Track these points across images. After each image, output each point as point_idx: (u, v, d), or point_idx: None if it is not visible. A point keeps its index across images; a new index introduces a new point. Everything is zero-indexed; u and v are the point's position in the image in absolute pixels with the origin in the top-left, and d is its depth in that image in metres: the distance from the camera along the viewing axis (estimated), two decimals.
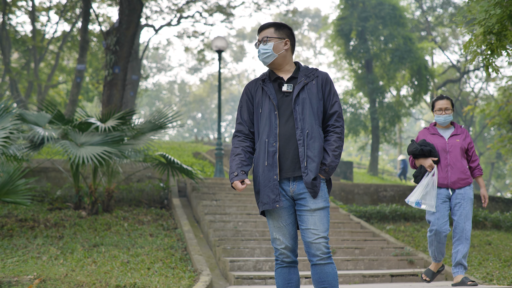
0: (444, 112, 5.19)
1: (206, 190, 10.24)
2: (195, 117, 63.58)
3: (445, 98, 5.24)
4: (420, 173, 5.13)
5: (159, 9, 26.49)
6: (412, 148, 5.16)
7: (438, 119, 5.24)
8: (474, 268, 6.88)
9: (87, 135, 8.35)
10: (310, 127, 3.15)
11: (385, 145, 43.49)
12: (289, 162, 3.16)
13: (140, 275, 5.55)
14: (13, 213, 8.43)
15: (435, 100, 5.29)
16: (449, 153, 5.11)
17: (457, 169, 5.09)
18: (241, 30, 59.05)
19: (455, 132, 5.23)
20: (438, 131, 5.26)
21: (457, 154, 5.11)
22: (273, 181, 3.13)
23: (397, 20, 25.27)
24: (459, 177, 5.11)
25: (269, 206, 3.12)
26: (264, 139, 3.18)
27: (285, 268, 3.26)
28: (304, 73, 3.30)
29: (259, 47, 3.29)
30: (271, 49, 3.26)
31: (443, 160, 5.11)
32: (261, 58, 3.27)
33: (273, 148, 3.15)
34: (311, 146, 3.13)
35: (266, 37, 3.29)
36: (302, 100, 3.20)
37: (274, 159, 3.15)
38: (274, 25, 3.32)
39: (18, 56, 29.41)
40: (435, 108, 5.25)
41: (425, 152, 5.09)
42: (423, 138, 5.25)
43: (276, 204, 3.10)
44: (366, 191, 11.98)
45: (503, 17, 5.50)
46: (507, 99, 16.00)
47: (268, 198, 3.13)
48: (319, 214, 3.13)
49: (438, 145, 5.15)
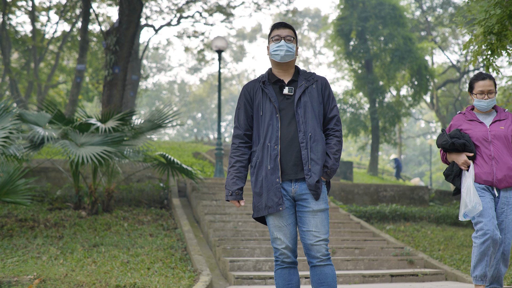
0: (486, 96, 4.16)
1: (206, 190, 10.24)
2: (195, 117, 63.58)
3: (487, 78, 4.19)
4: (452, 172, 4.23)
5: (159, 9, 26.51)
6: (442, 141, 4.22)
7: (479, 105, 4.20)
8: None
9: (87, 135, 8.36)
10: (312, 130, 3.17)
11: (385, 145, 43.49)
12: (291, 165, 3.16)
13: (140, 275, 5.55)
14: (13, 213, 8.43)
15: (475, 79, 4.23)
16: (492, 143, 4.11)
17: (504, 164, 4.07)
18: (241, 30, 59.05)
19: (498, 117, 4.21)
20: (477, 117, 4.25)
21: (502, 145, 4.11)
22: (276, 184, 3.15)
23: (397, 20, 25.26)
24: (507, 174, 4.07)
25: (273, 209, 3.15)
26: (267, 142, 3.19)
27: (285, 269, 3.26)
28: (304, 76, 3.30)
29: (282, 42, 3.25)
30: (294, 49, 3.27)
31: (485, 152, 4.11)
32: (283, 54, 3.23)
33: (275, 152, 3.16)
34: (314, 149, 3.15)
35: (291, 36, 3.27)
36: (304, 103, 3.21)
37: (276, 162, 3.16)
38: (293, 29, 3.33)
39: (18, 56, 29.41)
40: (475, 90, 4.19)
41: (457, 146, 4.14)
42: (456, 128, 4.25)
43: (279, 207, 3.13)
44: (366, 191, 11.98)
45: (503, 17, 5.50)
46: (507, 99, 16.00)
47: (272, 201, 3.14)
48: (320, 216, 3.14)
49: (477, 134, 4.15)
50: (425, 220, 10.47)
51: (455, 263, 7.18)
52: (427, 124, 58.51)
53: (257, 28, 60.44)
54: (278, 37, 3.26)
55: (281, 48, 3.23)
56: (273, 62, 3.33)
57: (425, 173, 51.21)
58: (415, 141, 61.55)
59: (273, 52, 3.26)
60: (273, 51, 3.26)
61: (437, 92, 32.01)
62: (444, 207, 11.90)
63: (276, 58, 3.26)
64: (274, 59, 3.27)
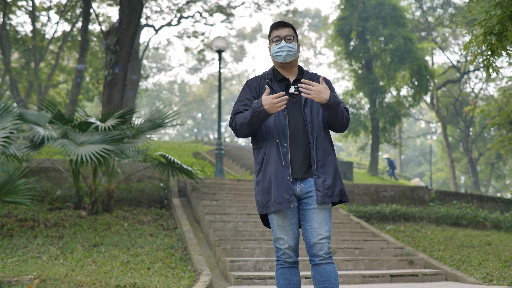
0: None
1: (206, 190, 10.24)
2: (195, 117, 63.57)
3: None
4: None
5: (159, 9, 26.49)
6: None
7: None
8: (474, 268, 6.87)
9: (86, 134, 8.35)
10: (318, 130, 3.19)
11: (385, 146, 43.48)
12: (299, 163, 3.16)
13: (140, 275, 5.55)
14: (13, 213, 8.43)
15: None
16: None
17: None
18: (241, 30, 59.05)
19: None
20: None
21: None
22: (287, 181, 3.13)
23: (397, 20, 25.27)
24: None
25: (283, 206, 3.11)
26: (276, 139, 3.18)
27: (286, 269, 3.25)
28: (309, 76, 3.31)
29: (283, 43, 3.23)
30: (295, 48, 3.26)
31: None
32: (285, 55, 3.22)
33: (285, 149, 3.16)
34: (321, 148, 3.16)
35: (291, 35, 3.25)
36: (310, 102, 3.23)
37: (286, 159, 3.15)
38: (293, 27, 3.31)
39: (18, 56, 29.41)
40: None
41: None
42: None
43: (290, 204, 3.10)
44: (366, 191, 11.98)
45: (504, 17, 5.50)
46: (507, 99, 16.00)
47: (282, 198, 3.11)
48: (324, 213, 3.14)
49: None
50: (425, 220, 10.47)
51: (455, 263, 7.18)
52: (427, 124, 58.50)
53: (257, 28, 60.46)
54: (278, 38, 3.25)
55: (282, 49, 3.23)
56: (276, 62, 3.32)
57: (425, 173, 51.19)
58: (415, 141, 61.55)
59: (275, 54, 3.26)
60: (275, 53, 3.25)
61: (437, 93, 32.01)
62: (444, 208, 11.90)
63: (278, 59, 3.25)
64: (277, 60, 3.27)
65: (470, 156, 34.43)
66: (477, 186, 34.48)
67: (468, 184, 40.37)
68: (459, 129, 36.48)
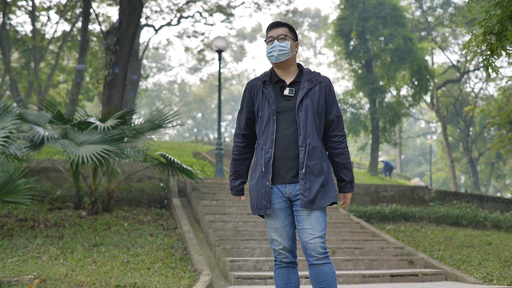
0: None
1: (206, 190, 10.24)
2: (195, 117, 63.59)
3: None
4: None
5: (159, 9, 26.49)
6: None
7: None
8: (474, 268, 6.87)
9: (86, 134, 8.35)
10: (311, 136, 3.14)
11: (385, 145, 43.47)
12: (287, 168, 3.15)
13: (140, 275, 5.55)
14: (13, 213, 8.43)
15: None
16: None
17: None
18: (241, 30, 59.06)
19: None
20: None
21: None
22: (265, 187, 3.16)
23: (397, 20, 25.27)
24: None
25: (262, 211, 3.20)
26: (262, 145, 3.20)
27: (284, 269, 3.26)
28: (307, 77, 3.25)
29: (275, 43, 3.22)
30: (288, 47, 3.22)
31: None
32: (276, 55, 3.20)
33: (268, 155, 3.15)
34: (312, 155, 3.13)
35: (283, 34, 3.24)
36: (305, 106, 3.16)
37: (268, 166, 3.15)
38: (288, 26, 3.30)
39: (18, 56, 29.41)
40: None
41: None
42: None
43: (267, 210, 3.17)
44: (366, 191, 11.98)
45: (504, 17, 5.50)
46: (507, 99, 16.00)
47: (261, 204, 3.18)
48: (315, 214, 3.13)
49: None
50: (425, 220, 10.47)
51: (455, 263, 7.18)
52: (427, 124, 58.50)
53: (257, 28, 60.47)
54: (271, 38, 3.25)
55: (274, 49, 3.21)
56: (272, 63, 3.32)
57: (425, 173, 51.20)
58: (415, 141, 61.57)
59: (268, 54, 3.26)
60: (268, 54, 3.25)
61: (437, 92, 32.01)
62: (444, 207, 11.91)
63: (271, 59, 3.25)
64: (270, 60, 3.27)
65: (470, 156, 34.43)
66: (477, 186, 34.49)
67: (468, 184, 40.38)
68: (459, 129, 36.48)
